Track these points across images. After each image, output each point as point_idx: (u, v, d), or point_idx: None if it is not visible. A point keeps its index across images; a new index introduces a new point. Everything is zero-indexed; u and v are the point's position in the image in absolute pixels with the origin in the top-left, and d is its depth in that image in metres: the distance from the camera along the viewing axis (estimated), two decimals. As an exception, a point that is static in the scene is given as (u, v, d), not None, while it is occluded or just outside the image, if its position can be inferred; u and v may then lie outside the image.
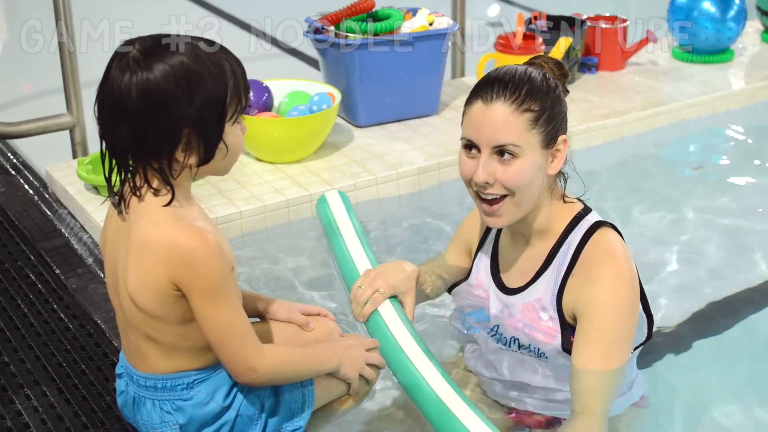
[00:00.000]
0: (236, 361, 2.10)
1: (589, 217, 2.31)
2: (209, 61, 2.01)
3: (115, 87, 1.97)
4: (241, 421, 2.19)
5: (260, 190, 3.37)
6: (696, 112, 4.23)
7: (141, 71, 1.96)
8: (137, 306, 2.06)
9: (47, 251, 3.23)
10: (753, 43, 5.03)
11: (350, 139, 3.80)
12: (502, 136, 2.18)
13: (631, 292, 2.23)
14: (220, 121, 2.03)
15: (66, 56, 3.70)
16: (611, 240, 2.27)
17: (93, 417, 2.47)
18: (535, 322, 2.31)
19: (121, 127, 1.98)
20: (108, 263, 2.18)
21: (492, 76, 2.23)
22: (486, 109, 2.20)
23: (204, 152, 2.02)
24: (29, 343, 2.76)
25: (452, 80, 4.56)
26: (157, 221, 2.02)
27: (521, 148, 2.18)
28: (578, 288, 2.24)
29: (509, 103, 2.18)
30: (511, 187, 2.20)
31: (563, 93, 2.27)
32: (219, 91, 2.01)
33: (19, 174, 3.79)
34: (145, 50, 1.98)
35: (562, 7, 4.88)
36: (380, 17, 3.90)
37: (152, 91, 1.95)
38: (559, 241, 2.30)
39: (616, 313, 2.20)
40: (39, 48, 5.57)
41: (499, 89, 2.19)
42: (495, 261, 2.44)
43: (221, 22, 6.53)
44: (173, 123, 1.97)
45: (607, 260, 2.23)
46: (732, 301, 3.03)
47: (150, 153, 2.00)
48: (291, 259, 3.19)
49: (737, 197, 3.70)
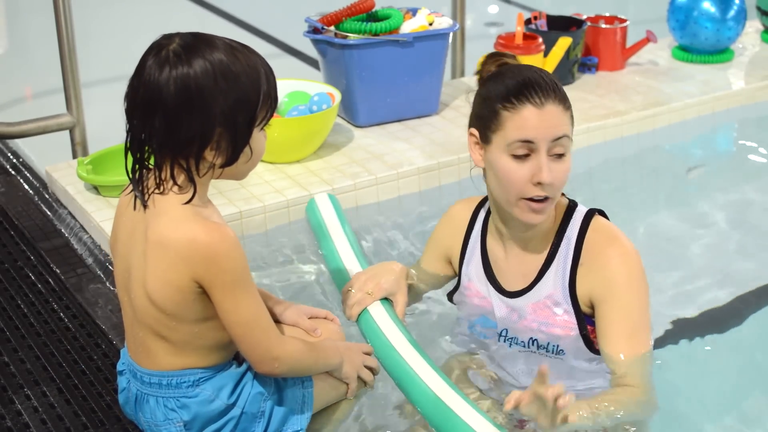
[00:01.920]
0: (260, 351, 2.12)
1: (580, 208, 2.37)
2: (246, 63, 2.03)
3: (152, 79, 1.98)
4: (245, 419, 2.20)
5: (260, 190, 3.37)
6: (696, 112, 4.23)
7: (181, 65, 1.97)
8: (154, 304, 2.07)
9: (47, 251, 3.23)
10: (753, 43, 5.03)
11: (350, 139, 3.80)
12: (561, 129, 2.22)
13: (640, 267, 2.30)
14: (250, 125, 2.04)
15: (66, 56, 3.70)
16: (608, 225, 2.35)
17: (93, 417, 2.47)
18: (550, 319, 2.33)
19: (155, 120, 1.98)
20: (119, 261, 2.18)
21: (526, 79, 2.24)
22: (541, 110, 2.21)
23: (231, 154, 2.03)
24: (29, 343, 2.76)
25: (452, 80, 4.56)
26: (175, 219, 2.03)
27: (570, 143, 2.25)
28: (589, 275, 2.29)
29: (555, 102, 2.22)
30: (560, 186, 2.25)
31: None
32: (253, 93, 2.03)
33: (19, 174, 3.79)
34: (186, 45, 2.00)
35: (562, 7, 4.88)
36: (380, 17, 3.90)
37: (191, 86, 1.97)
38: (558, 237, 2.34)
39: (632, 289, 2.27)
40: (39, 48, 5.58)
41: (546, 91, 2.23)
42: (488, 267, 2.44)
43: (221, 21, 6.53)
44: (208, 120, 1.98)
45: (611, 243, 2.30)
46: (733, 302, 3.03)
47: (181, 148, 2.01)
48: (291, 259, 3.19)
49: (737, 197, 3.70)
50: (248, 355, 2.14)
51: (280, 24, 6.16)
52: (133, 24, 6.32)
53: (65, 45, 3.68)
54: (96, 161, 3.40)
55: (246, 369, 2.21)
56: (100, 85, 4.80)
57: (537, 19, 4.44)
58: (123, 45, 5.50)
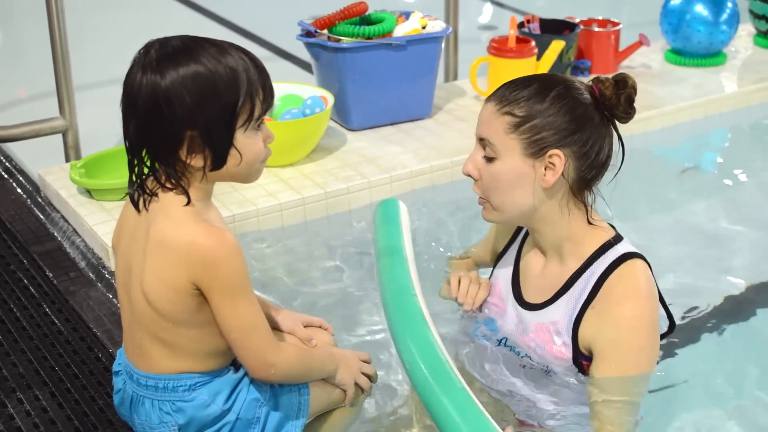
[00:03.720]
0: (257, 357, 2.12)
1: (619, 246, 2.25)
2: (225, 68, 2.01)
3: (130, 82, 2.00)
4: (240, 424, 2.19)
5: (253, 194, 3.36)
6: (689, 116, 4.24)
7: (152, 74, 1.98)
8: (151, 305, 2.07)
9: (40, 255, 3.23)
10: (745, 46, 5.04)
11: (343, 143, 3.80)
12: (482, 130, 2.23)
13: (651, 334, 2.20)
14: (229, 127, 2.02)
15: (59, 60, 3.70)
16: (637, 276, 2.21)
17: (85, 421, 2.47)
18: (547, 345, 2.29)
19: (131, 122, 2.01)
20: (121, 259, 2.18)
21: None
22: (483, 106, 2.26)
23: (213, 157, 2.03)
24: (21, 347, 2.76)
25: (445, 83, 4.56)
26: (176, 220, 2.03)
27: (497, 149, 2.19)
28: (596, 322, 2.20)
29: (494, 103, 2.22)
30: (487, 188, 2.23)
31: (591, 113, 2.20)
32: (229, 98, 2.01)
33: (12, 178, 3.78)
34: (164, 54, 2.00)
35: (555, 11, 4.89)
36: (373, 21, 3.90)
37: (158, 95, 1.97)
38: (583, 267, 2.25)
39: (635, 357, 2.18)
40: (32, 51, 5.57)
41: (498, 89, 2.25)
42: (516, 271, 2.42)
43: (215, 25, 6.53)
44: (174, 125, 1.98)
45: (629, 299, 2.19)
46: (723, 305, 3.04)
47: (154, 151, 2.02)
48: (284, 262, 3.19)
49: (730, 200, 3.71)
50: (244, 361, 2.14)
51: (273, 27, 6.16)
52: (126, 28, 6.31)
53: (58, 48, 3.68)
54: (89, 165, 3.40)
55: (242, 375, 2.21)
56: (94, 88, 4.79)
57: (530, 23, 4.45)
58: (116, 48, 5.48)
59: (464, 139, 3.82)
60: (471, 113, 4.06)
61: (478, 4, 7.24)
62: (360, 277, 3.13)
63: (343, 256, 3.25)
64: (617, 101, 2.20)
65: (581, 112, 2.19)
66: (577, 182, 2.22)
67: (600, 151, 2.22)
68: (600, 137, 2.21)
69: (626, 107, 2.21)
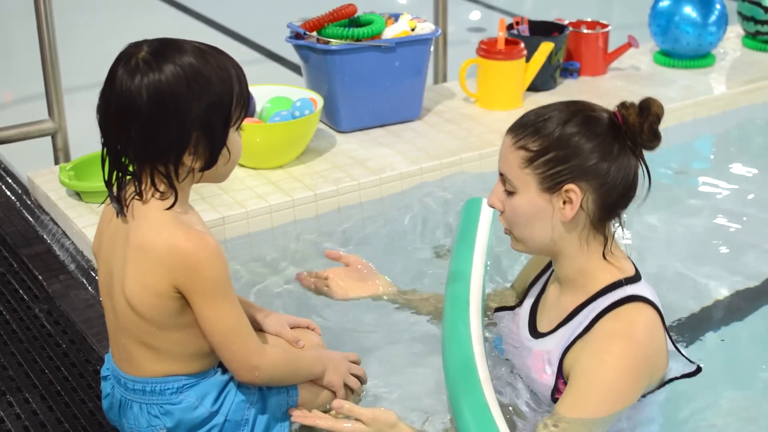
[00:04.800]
0: (240, 360, 2.12)
1: (628, 287, 2.19)
2: (216, 64, 2.03)
3: (124, 89, 1.97)
4: (228, 426, 2.20)
5: (242, 196, 3.36)
6: (677, 117, 4.24)
7: (152, 72, 1.97)
8: (133, 309, 2.07)
9: (29, 257, 3.22)
10: (734, 48, 5.05)
11: (333, 145, 3.80)
12: (501, 164, 2.21)
13: (626, 380, 2.11)
14: (226, 126, 2.05)
15: (48, 62, 3.69)
16: (634, 319, 2.15)
17: (76, 423, 2.46)
18: (538, 374, 2.28)
19: (131, 130, 1.98)
20: (102, 266, 2.18)
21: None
22: (503, 139, 2.23)
23: (209, 157, 2.04)
24: (11, 350, 2.76)
25: (434, 85, 4.56)
26: (157, 225, 2.03)
27: (514, 183, 2.17)
28: (579, 350, 2.17)
29: (510, 137, 2.19)
30: (509, 221, 2.22)
31: (610, 144, 2.15)
32: (226, 95, 2.03)
33: (1, 180, 3.78)
34: (155, 52, 1.99)
35: (544, 13, 4.90)
36: (362, 23, 3.90)
37: (164, 92, 1.97)
38: (587, 302, 2.21)
39: (599, 393, 2.10)
40: (20, 53, 5.56)
41: (516, 122, 2.22)
42: (537, 303, 2.40)
43: (203, 27, 6.53)
44: (184, 125, 1.99)
45: (617, 338, 2.12)
46: (715, 307, 3.04)
47: (159, 156, 2.01)
48: (274, 265, 3.19)
49: (718, 202, 3.71)
50: (229, 364, 2.15)
51: (262, 30, 6.16)
52: (115, 30, 6.31)
53: (47, 51, 3.68)
54: (78, 167, 3.39)
55: (230, 377, 2.21)
56: (83, 91, 4.76)
57: (519, 25, 4.45)
58: (105, 51, 5.46)
59: (453, 141, 3.83)
60: (460, 115, 4.07)
61: (467, 6, 7.26)
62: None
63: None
64: (641, 128, 2.15)
65: (598, 144, 2.14)
66: (597, 214, 2.17)
67: (621, 181, 2.16)
68: (621, 167, 2.15)
69: (650, 135, 2.15)
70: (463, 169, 3.68)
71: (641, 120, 2.15)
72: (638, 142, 2.16)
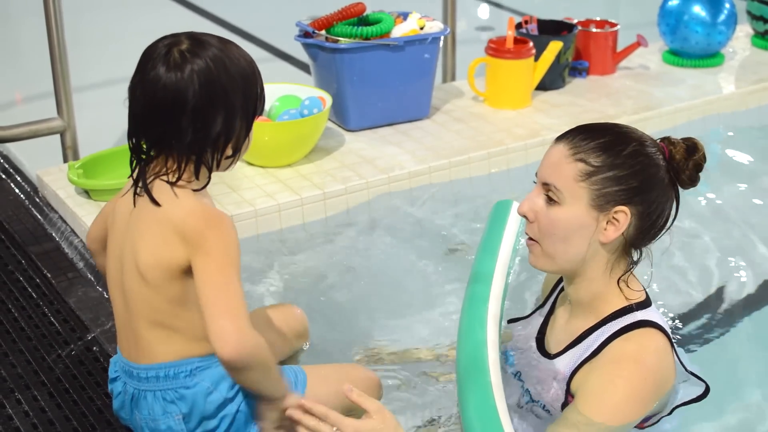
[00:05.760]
0: (223, 322, 2.00)
1: (640, 313, 2.19)
2: (244, 57, 2.10)
3: (171, 81, 2.00)
4: (240, 417, 2.19)
5: (251, 194, 3.37)
6: (686, 117, 4.24)
7: (200, 60, 2.02)
8: (148, 284, 2.08)
9: (38, 255, 3.23)
10: (743, 47, 5.05)
11: (341, 144, 3.80)
12: (548, 173, 2.16)
13: (635, 402, 2.11)
14: (255, 116, 2.13)
15: (57, 60, 3.69)
16: (646, 346, 2.14)
17: (84, 421, 2.47)
18: (545, 392, 2.26)
19: (181, 120, 2.01)
20: (112, 261, 2.19)
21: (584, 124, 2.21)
22: (551, 147, 2.19)
23: (237, 144, 2.11)
24: (20, 348, 2.76)
25: (443, 84, 4.56)
26: (174, 199, 2.06)
27: (563, 195, 2.12)
28: (588, 371, 2.16)
29: (567, 147, 2.14)
30: (543, 232, 2.16)
31: (663, 175, 2.15)
32: (256, 86, 2.10)
33: (10, 178, 3.78)
34: (194, 43, 2.04)
35: (553, 12, 4.89)
36: (371, 21, 3.90)
37: (214, 81, 2.01)
38: (597, 325, 2.19)
39: (601, 412, 2.09)
40: (30, 52, 5.57)
41: (570, 133, 2.18)
42: (546, 322, 2.38)
43: (212, 25, 6.53)
44: (232, 114, 2.05)
45: (627, 362, 2.12)
46: (719, 307, 3.04)
47: (210, 144, 2.05)
48: (282, 263, 3.19)
49: (727, 201, 3.70)
50: (210, 324, 2.01)
51: (271, 28, 6.16)
52: (124, 28, 6.31)
53: (56, 49, 3.68)
54: (87, 165, 3.40)
55: None
56: (91, 89, 4.79)
57: (528, 24, 4.45)
58: (114, 49, 5.50)
59: (462, 140, 3.82)
60: (469, 114, 4.07)
61: (475, 4, 7.25)
62: (357, 277, 3.14)
63: (342, 256, 3.25)
64: (685, 166, 2.16)
65: (654, 172, 2.14)
66: (632, 241, 2.17)
67: (662, 213, 2.17)
68: (666, 200, 2.17)
69: (693, 173, 2.17)
70: (471, 168, 3.68)
71: (687, 158, 2.17)
72: (680, 177, 2.18)
